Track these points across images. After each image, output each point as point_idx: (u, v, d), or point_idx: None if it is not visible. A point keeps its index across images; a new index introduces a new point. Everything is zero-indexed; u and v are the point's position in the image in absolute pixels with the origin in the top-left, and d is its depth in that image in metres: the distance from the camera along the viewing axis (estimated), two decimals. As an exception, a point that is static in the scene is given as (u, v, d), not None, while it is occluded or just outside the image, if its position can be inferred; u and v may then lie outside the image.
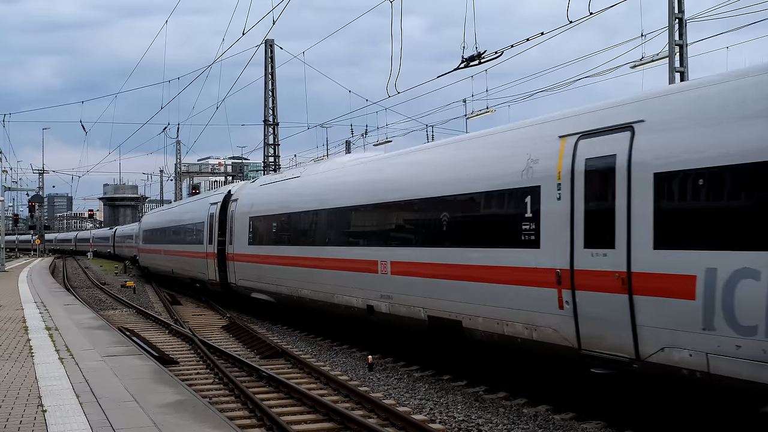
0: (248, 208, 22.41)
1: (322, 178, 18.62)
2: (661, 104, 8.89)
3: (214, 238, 25.26)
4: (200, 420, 7.77)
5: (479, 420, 10.25)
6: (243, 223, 22.67)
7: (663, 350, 8.30)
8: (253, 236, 21.79)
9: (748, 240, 7.44)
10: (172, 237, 34.16)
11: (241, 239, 22.83)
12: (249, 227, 22.07)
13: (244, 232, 22.48)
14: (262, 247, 21.05)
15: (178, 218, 33.32)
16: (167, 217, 37.28)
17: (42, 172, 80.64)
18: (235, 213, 23.54)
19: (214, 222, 25.46)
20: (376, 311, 14.56)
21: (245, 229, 22.37)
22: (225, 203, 25.00)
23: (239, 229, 23.02)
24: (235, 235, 23.40)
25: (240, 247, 22.87)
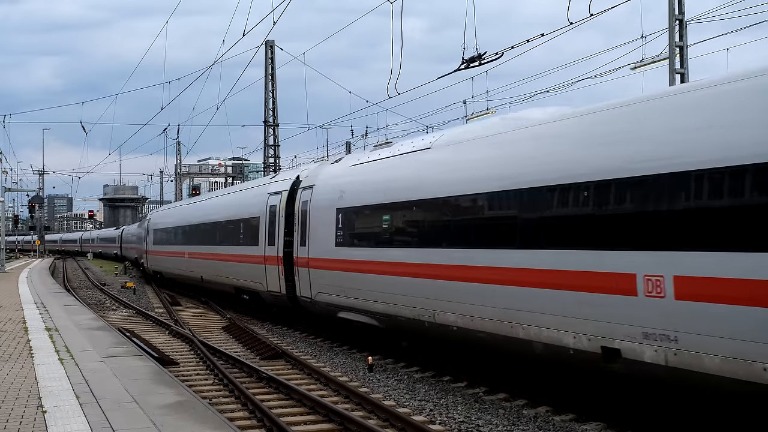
0: (334, 197, 16.65)
1: (503, 141, 11.84)
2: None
3: (278, 238, 19.54)
4: (200, 421, 7.77)
5: (479, 421, 10.25)
6: (325, 218, 16.79)
7: None
8: (345, 235, 16.06)
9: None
10: (202, 237, 28.32)
11: (321, 239, 16.97)
12: (337, 223, 16.26)
13: (327, 229, 16.65)
14: (362, 250, 15.22)
15: (212, 214, 27.55)
16: (192, 212, 31.59)
17: (42, 172, 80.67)
18: (311, 205, 17.68)
19: (278, 217, 19.72)
20: (629, 359, 8.93)
21: (329, 226, 16.51)
22: (292, 192, 19.26)
23: (318, 226, 17.19)
24: (312, 234, 17.52)
25: (320, 250, 17.01)
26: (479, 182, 11.75)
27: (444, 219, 12.74)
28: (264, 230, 20.55)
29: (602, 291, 9.26)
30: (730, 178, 7.77)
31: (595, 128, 10.07)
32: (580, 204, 9.76)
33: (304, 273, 17.87)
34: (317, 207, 17.37)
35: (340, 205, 16.24)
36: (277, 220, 19.71)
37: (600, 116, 10.12)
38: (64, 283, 38.54)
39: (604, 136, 9.77)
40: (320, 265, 17.05)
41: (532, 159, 10.88)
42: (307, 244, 17.73)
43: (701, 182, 8.07)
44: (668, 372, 8.36)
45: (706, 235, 7.96)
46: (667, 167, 8.41)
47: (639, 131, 9.10)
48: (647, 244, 8.60)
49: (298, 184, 19.08)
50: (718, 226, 7.87)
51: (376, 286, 14.53)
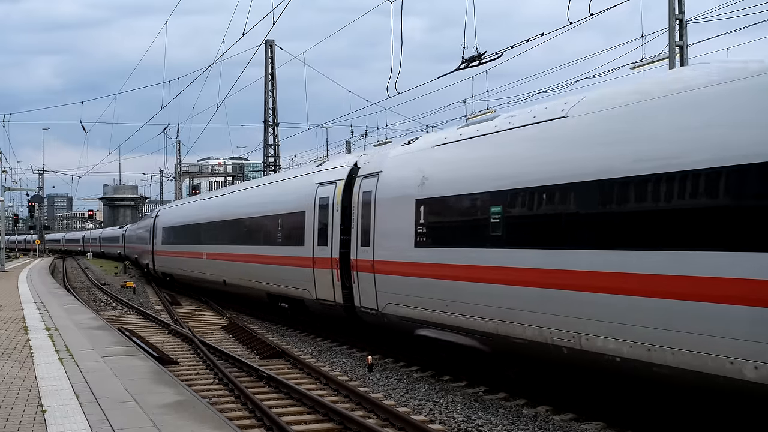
0: (411, 186, 13.33)
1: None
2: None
3: (332, 236, 16.30)
4: (200, 420, 7.77)
5: (479, 420, 10.25)
6: (398, 212, 13.63)
7: None
8: (429, 232, 12.78)
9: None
10: (225, 235, 25.01)
11: (392, 238, 13.89)
12: (417, 217, 13.03)
13: (401, 225, 13.44)
14: (459, 252, 11.88)
15: (238, 209, 24.22)
16: (213, 208, 27.71)
17: (42, 172, 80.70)
18: (377, 196, 14.49)
19: (332, 212, 16.46)
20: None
21: (405, 222, 13.32)
22: (349, 182, 16.08)
23: (388, 222, 14.07)
24: (378, 232, 14.37)
25: (390, 251, 13.90)
26: (675, 159, 8.27)
27: (614, 210, 9.05)
28: (312, 227, 17.31)
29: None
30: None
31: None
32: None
33: (366, 279, 14.68)
34: (385, 198, 14.20)
35: (421, 195, 12.97)
36: (331, 215, 16.45)
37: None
38: (63, 282, 38.54)
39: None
40: (391, 270, 13.85)
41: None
42: (371, 244, 14.45)
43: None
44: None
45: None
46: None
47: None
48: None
49: (356, 171, 15.87)
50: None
51: (480, 297, 11.24)
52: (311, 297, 17.36)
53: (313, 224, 17.26)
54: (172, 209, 37.39)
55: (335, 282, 16.08)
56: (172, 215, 35.20)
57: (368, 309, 14.77)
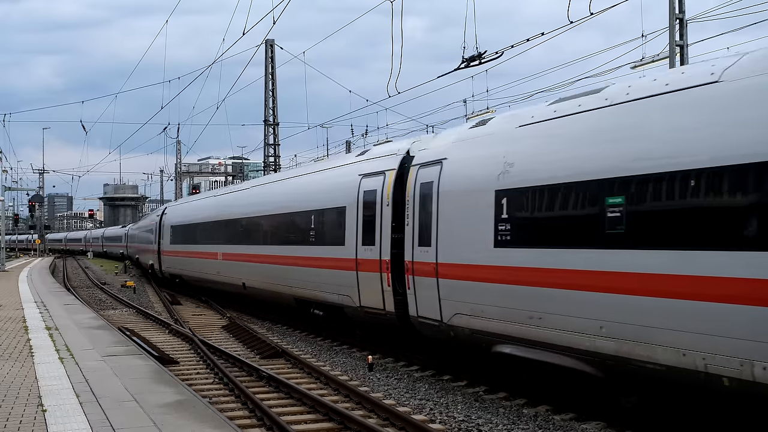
0: (489, 174, 11.14)
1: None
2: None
3: (381, 235, 14.33)
4: (200, 420, 7.77)
5: (479, 420, 10.25)
6: (470, 205, 11.52)
7: None
8: (517, 229, 10.57)
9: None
10: (246, 234, 23.06)
11: (462, 236, 11.72)
12: (499, 212, 10.82)
13: (474, 221, 11.33)
14: (564, 254, 9.67)
15: (262, 205, 21.99)
16: (230, 204, 25.65)
17: (42, 171, 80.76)
18: (441, 187, 12.40)
19: (380, 207, 14.48)
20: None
21: (480, 217, 11.17)
22: (401, 173, 14.13)
23: (456, 217, 11.93)
24: (442, 230, 12.25)
25: (460, 251, 11.77)
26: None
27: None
28: (355, 225, 15.29)
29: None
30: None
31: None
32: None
33: (426, 285, 12.65)
34: (453, 190, 12.08)
35: (503, 186, 10.81)
36: (379, 210, 14.48)
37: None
38: (64, 282, 38.55)
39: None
40: (461, 275, 11.72)
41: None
42: (433, 244, 12.43)
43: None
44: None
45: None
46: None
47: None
48: None
49: (409, 160, 13.98)
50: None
51: (592, 310, 9.20)
52: (353, 304, 15.37)
53: (356, 221, 15.29)
54: (181, 206, 35.09)
55: (385, 288, 14.11)
56: (182, 212, 33.11)
57: (428, 320, 12.65)
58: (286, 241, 19.44)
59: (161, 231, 35.39)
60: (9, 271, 42.94)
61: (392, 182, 14.23)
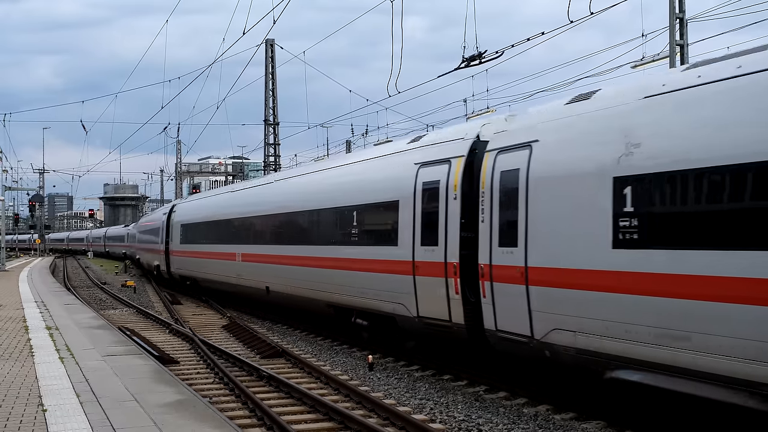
0: (603, 156, 9.24)
1: None
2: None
3: (446, 233, 12.40)
4: (200, 419, 7.77)
5: (479, 420, 10.25)
6: (576, 196, 9.60)
7: None
8: (650, 225, 8.62)
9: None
10: (271, 233, 21.03)
11: (564, 234, 9.73)
12: (619, 204, 8.93)
13: (582, 216, 9.43)
14: (717, 256, 7.82)
15: (292, 200, 19.72)
16: (252, 200, 23.28)
17: (42, 171, 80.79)
18: (531, 175, 10.39)
19: (445, 200, 12.53)
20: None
21: (591, 211, 9.29)
22: (471, 160, 12.22)
23: (554, 212, 9.94)
24: (533, 227, 10.28)
25: (562, 253, 9.77)
26: None
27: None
28: (411, 222, 13.35)
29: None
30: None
31: None
32: None
33: (510, 293, 10.65)
34: (548, 178, 10.09)
35: (627, 170, 8.84)
36: (443, 204, 12.56)
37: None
38: (64, 281, 38.56)
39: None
40: (562, 281, 9.70)
41: None
42: (520, 243, 10.46)
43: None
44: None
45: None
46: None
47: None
48: None
49: (481, 146, 12.02)
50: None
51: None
52: (409, 314, 13.38)
53: (413, 217, 13.35)
54: (192, 203, 32.55)
55: (452, 295, 12.11)
56: (193, 210, 30.81)
57: (513, 335, 10.68)
58: (322, 241, 17.39)
59: (169, 230, 33.68)
60: (9, 271, 42.96)
61: (461, 171, 12.20)
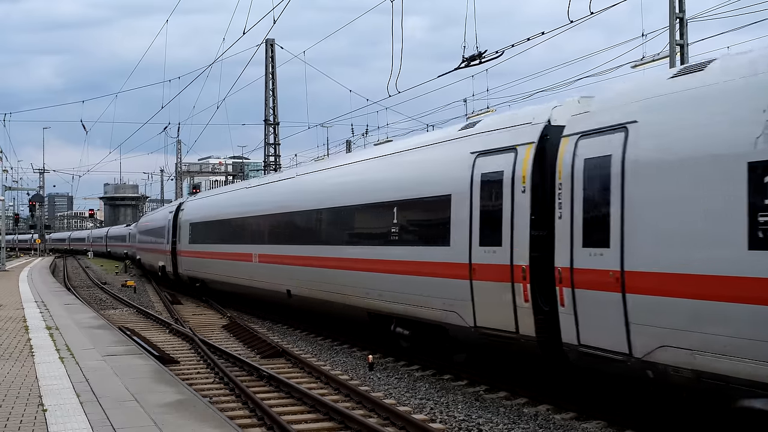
0: (736, 136, 7.77)
1: None
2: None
3: (512, 232, 10.90)
4: (201, 419, 7.77)
5: (480, 420, 10.25)
6: (695, 187, 8.13)
7: None
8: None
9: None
10: (295, 231, 19.30)
11: (678, 234, 8.30)
12: (757, 196, 7.46)
13: (706, 212, 7.97)
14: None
15: (319, 196, 18.05)
16: (273, 197, 21.49)
17: (42, 171, 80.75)
18: (631, 163, 8.97)
19: (510, 194, 11.06)
20: None
21: (717, 205, 7.88)
22: (541, 147, 10.76)
23: (661, 207, 8.53)
24: (634, 224, 8.89)
25: (674, 257, 8.33)
26: None
27: None
28: (467, 219, 11.82)
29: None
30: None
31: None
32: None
33: (600, 302, 9.21)
34: (653, 166, 8.60)
35: (766, 154, 7.43)
36: (509, 199, 11.01)
37: None
38: (64, 281, 38.56)
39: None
40: (674, 289, 8.25)
41: None
42: (613, 243, 9.01)
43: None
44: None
45: None
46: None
47: None
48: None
49: (554, 131, 10.62)
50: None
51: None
52: (464, 323, 11.91)
53: (469, 214, 11.86)
54: (203, 201, 30.75)
55: (519, 303, 10.66)
56: (204, 208, 29.14)
57: (602, 351, 9.23)
58: (355, 241, 15.98)
59: (177, 229, 32.16)
60: (9, 271, 42.95)
61: (530, 160, 10.69)
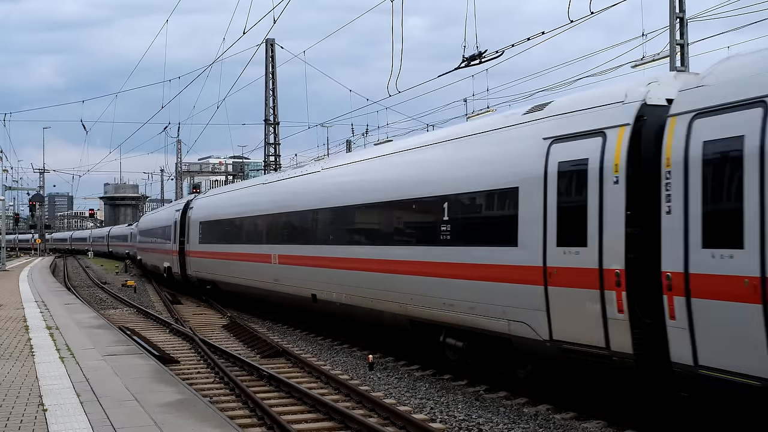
0: None
1: None
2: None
3: (600, 230, 9.45)
4: (201, 419, 7.78)
5: (480, 419, 10.25)
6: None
7: None
8: None
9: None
10: (322, 230, 17.44)
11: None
12: None
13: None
14: None
15: (349, 192, 16.35)
16: (293, 192, 19.83)
17: (43, 171, 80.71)
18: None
19: (597, 186, 9.57)
20: None
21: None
22: (636, 130, 9.35)
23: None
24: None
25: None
26: None
27: None
28: (542, 214, 10.31)
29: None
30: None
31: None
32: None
33: (727, 315, 7.78)
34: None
35: None
36: (596, 190, 9.54)
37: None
38: (64, 281, 38.56)
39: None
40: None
41: None
42: (753, 244, 7.51)
43: None
44: None
45: None
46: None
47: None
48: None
49: (652, 111, 9.19)
50: None
51: None
52: (536, 336, 10.46)
53: (543, 209, 10.34)
54: (215, 198, 29.15)
55: (611, 313, 9.22)
56: (216, 206, 27.58)
57: (733, 376, 7.70)
58: (396, 241, 14.33)
59: (186, 228, 30.74)
60: (10, 271, 42.96)
61: (625, 146, 9.24)
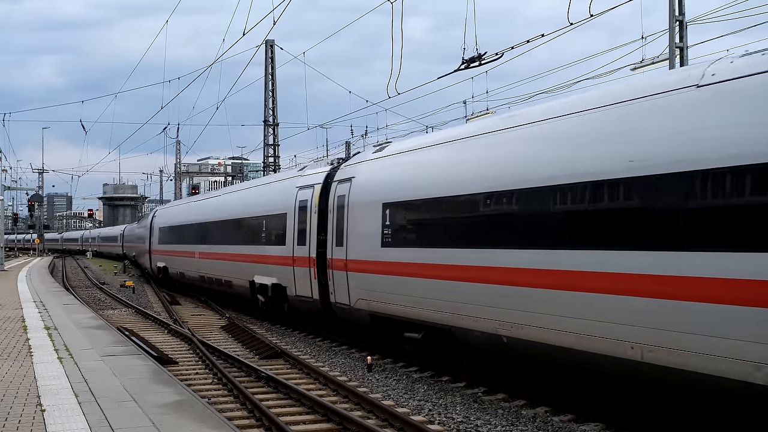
0: None
1: None
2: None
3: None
4: (199, 420, 7.77)
5: (478, 421, 10.25)
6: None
7: None
8: None
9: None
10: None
11: None
12: None
13: None
14: None
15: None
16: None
17: (42, 171, 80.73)
18: None
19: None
20: None
21: None
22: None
23: None
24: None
25: None
26: None
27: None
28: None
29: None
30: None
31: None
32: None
33: None
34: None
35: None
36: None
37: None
38: (63, 281, 38.51)
39: None
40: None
41: None
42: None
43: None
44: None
45: None
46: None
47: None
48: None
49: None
50: None
51: None
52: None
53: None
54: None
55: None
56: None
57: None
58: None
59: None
60: (8, 271, 42.91)
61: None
